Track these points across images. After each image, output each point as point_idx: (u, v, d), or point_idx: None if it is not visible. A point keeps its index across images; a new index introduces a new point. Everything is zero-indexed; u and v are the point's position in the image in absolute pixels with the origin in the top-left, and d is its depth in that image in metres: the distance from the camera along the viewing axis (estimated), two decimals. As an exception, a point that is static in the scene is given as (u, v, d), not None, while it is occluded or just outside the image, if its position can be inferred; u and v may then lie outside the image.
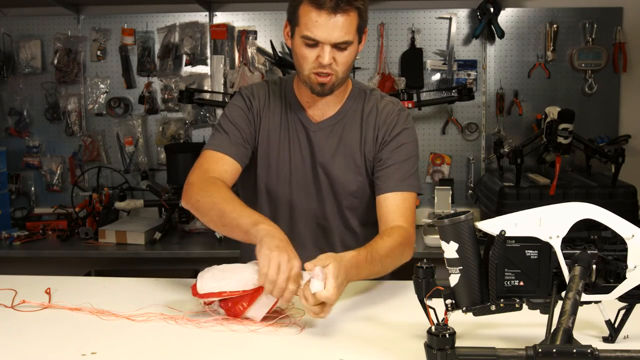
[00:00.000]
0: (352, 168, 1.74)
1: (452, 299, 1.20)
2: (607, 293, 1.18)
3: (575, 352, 0.95)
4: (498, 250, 1.15)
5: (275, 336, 1.34)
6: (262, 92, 1.79)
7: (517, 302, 1.18)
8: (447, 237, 1.17)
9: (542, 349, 0.96)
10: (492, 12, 3.35)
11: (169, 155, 3.26)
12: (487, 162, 3.53)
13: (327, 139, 1.74)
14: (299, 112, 1.76)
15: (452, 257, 1.18)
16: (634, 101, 3.46)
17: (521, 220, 1.15)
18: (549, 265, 1.17)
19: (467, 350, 1.01)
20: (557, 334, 1.01)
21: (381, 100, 1.77)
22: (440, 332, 1.01)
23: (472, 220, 1.17)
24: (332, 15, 1.54)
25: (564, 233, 1.15)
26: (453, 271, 1.18)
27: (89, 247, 3.12)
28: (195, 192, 1.63)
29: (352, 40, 1.58)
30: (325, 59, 1.57)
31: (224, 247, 3.10)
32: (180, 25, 3.52)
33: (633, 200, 2.94)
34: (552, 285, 1.17)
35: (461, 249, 1.16)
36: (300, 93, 1.75)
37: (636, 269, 1.16)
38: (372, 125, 1.74)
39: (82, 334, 1.37)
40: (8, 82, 3.58)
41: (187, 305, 1.50)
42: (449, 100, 3.32)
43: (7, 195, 3.42)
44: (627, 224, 1.16)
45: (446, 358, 0.99)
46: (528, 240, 1.16)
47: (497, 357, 0.98)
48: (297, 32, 1.60)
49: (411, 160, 1.73)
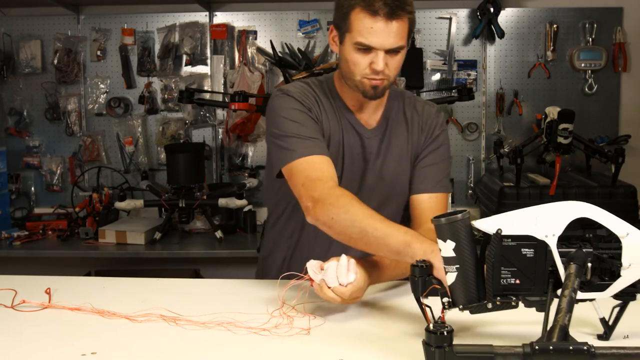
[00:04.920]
0: (403, 170, 1.75)
1: (449, 297, 1.20)
2: (602, 291, 1.18)
3: (571, 349, 0.96)
4: (494, 249, 1.16)
5: (275, 336, 1.34)
6: (309, 93, 1.70)
7: (513, 300, 1.18)
8: (444, 236, 1.18)
9: (539, 346, 0.96)
10: (492, 12, 3.35)
11: (169, 155, 3.26)
12: (487, 162, 3.53)
13: (379, 145, 1.74)
14: (350, 116, 1.73)
15: (449, 256, 1.18)
16: (634, 101, 3.47)
17: (517, 219, 1.16)
18: (544, 264, 1.17)
19: (464, 347, 1.01)
20: (553, 332, 1.01)
21: (418, 101, 1.80)
22: (438, 329, 1.01)
23: (468, 219, 1.18)
24: (388, 22, 1.53)
25: (560, 232, 1.15)
26: (450, 269, 1.19)
27: (89, 247, 3.12)
28: (327, 208, 1.51)
29: (404, 45, 1.59)
30: (380, 65, 1.56)
31: (224, 247, 3.10)
32: (180, 25, 3.52)
33: (633, 200, 2.94)
34: (548, 283, 1.17)
35: (458, 248, 1.17)
36: (346, 96, 1.72)
37: (631, 267, 1.16)
38: (416, 127, 1.76)
39: (82, 334, 1.36)
40: (8, 82, 3.58)
41: (187, 305, 1.50)
42: (449, 100, 3.32)
43: (7, 195, 3.42)
44: (622, 222, 1.17)
45: (444, 356, 0.99)
46: (524, 238, 1.16)
47: (495, 355, 0.98)
48: (349, 38, 1.58)
49: (446, 162, 1.77)
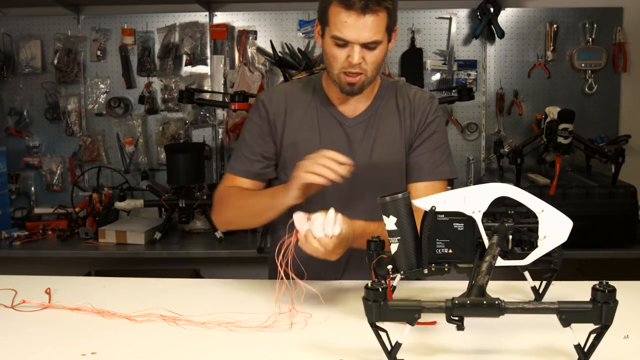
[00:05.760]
0: (396, 154, 1.75)
1: (393, 264, 1.38)
2: (522, 259, 1.36)
3: (485, 303, 1.08)
4: (429, 223, 1.34)
5: (275, 336, 1.34)
6: (280, 94, 1.80)
7: (446, 267, 1.37)
8: (387, 212, 1.34)
9: (458, 301, 1.08)
10: (492, 12, 3.35)
11: (169, 155, 3.26)
12: (487, 162, 3.53)
13: (365, 132, 1.75)
14: (331, 108, 1.76)
15: (391, 229, 1.35)
16: (634, 101, 3.47)
17: (449, 198, 1.33)
18: (473, 236, 1.35)
19: (397, 302, 1.12)
20: (472, 290, 1.16)
21: (410, 89, 1.81)
22: (376, 286, 1.11)
23: (408, 199, 1.35)
24: (362, 15, 1.55)
25: (485, 208, 1.33)
26: (393, 241, 1.36)
27: (89, 247, 3.12)
28: (219, 212, 1.76)
29: (381, 39, 1.59)
30: (355, 59, 1.59)
31: (224, 247, 3.10)
32: (180, 25, 3.52)
33: (633, 200, 2.94)
34: (476, 252, 1.35)
35: (399, 222, 1.34)
36: (330, 90, 1.76)
37: (546, 239, 1.34)
38: (408, 113, 1.76)
39: (82, 334, 1.37)
40: (8, 82, 3.58)
41: (187, 305, 1.50)
42: (449, 100, 3.32)
43: (7, 195, 3.42)
44: (538, 200, 1.33)
45: (379, 309, 1.10)
46: (455, 214, 1.34)
47: (422, 308, 1.10)
48: (327, 32, 1.61)
49: (442, 148, 1.77)
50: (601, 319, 1.08)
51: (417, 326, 1.13)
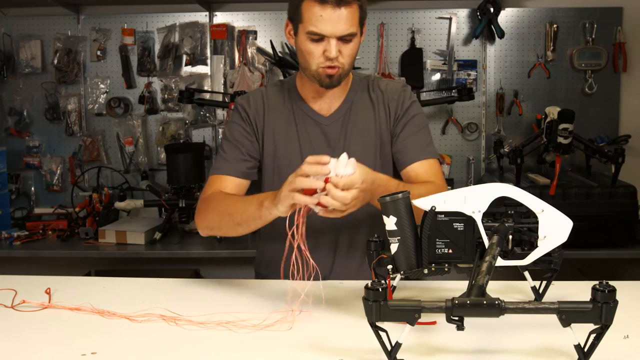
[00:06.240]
0: (370, 151, 1.77)
1: (393, 264, 1.37)
2: (522, 259, 1.35)
3: (485, 303, 1.07)
4: (430, 223, 1.34)
5: (275, 336, 1.34)
6: (257, 96, 1.82)
7: (446, 267, 1.37)
8: (387, 212, 1.34)
9: (458, 301, 1.07)
10: (492, 12, 3.35)
11: (169, 155, 3.26)
12: (487, 162, 3.53)
13: (341, 130, 1.78)
14: (305, 108, 1.79)
15: (391, 229, 1.35)
16: (634, 101, 3.47)
17: (449, 198, 1.33)
18: (473, 236, 1.34)
19: (397, 302, 1.12)
20: (472, 290, 1.15)
21: (382, 81, 1.83)
22: (376, 286, 1.11)
23: (408, 199, 1.34)
24: (337, 8, 1.57)
25: (485, 208, 1.33)
26: (393, 241, 1.35)
27: (89, 247, 3.12)
28: (203, 216, 1.72)
29: (355, 32, 1.63)
30: (333, 53, 1.61)
31: (224, 247, 3.10)
32: (180, 25, 3.52)
33: (633, 200, 2.94)
34: (476, 252, 1.34)
35: (399, 222, 1.34)
36: (305, 89, 1.78)
37: (546, 239, 1.33)
38: (382, 104, 1.78)
39: (82, 334, 1.37)
40: (8, 82, 3.58)
41: (187, 305, 1.50)
42: (449, 100, 3.32)
43: (7, 195, 3.42)
44: (538, 200, 1.33)
45: (380, 309, 1.10)
46: (455, 214, 1.34)
47: (422, 308, 1.10)
48: (301, 28, 1.63)
49: (425, 130, 1.79)
50: (601, 319, 1.08)
51: (417, 326, 1.13)
